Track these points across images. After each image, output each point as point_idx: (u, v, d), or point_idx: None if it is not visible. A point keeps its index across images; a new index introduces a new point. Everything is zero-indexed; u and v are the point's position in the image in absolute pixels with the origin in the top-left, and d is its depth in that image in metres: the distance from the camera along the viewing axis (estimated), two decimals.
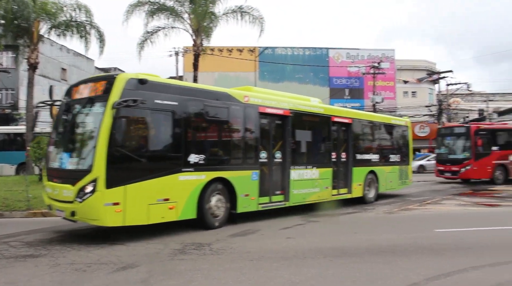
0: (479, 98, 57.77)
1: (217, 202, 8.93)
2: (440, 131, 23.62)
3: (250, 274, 5.55)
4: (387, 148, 15.25)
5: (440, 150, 22.76)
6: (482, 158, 20.53)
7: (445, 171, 21.74)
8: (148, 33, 21.59)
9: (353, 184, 13.01)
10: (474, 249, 7.02)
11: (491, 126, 22.65)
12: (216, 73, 36.99)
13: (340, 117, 12.68)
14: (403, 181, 15.95)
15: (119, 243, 7.55)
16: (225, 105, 9.32)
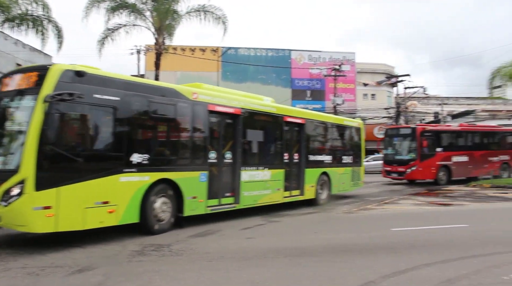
0: (435, 102, 59.87)
1: (162, 204, 8.42)
2: (387, 132, 23.75)
3: (210, 275, 5.54)
4: (340, 149, 15.17)
5: (387, 151, 22.93)
6: (427, 159, 20.83)
7: (392, 172, 21.94)
8: (108, 30, 21.10)
9: (305, 185, 12.79)
10: (428, 246, 7.28)
11: (436, 128, 23.11)
12: (178, 72, 36.61)
13: (292, 118, 12.45)
14: (355, 182, 15.89)
15: (75, 245, 7.34)
16: (172, 102, 8.79)
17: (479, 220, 10.55)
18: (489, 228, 9.26)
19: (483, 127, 25.89)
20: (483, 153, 23.18)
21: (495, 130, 25.55)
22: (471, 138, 23.51)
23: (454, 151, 22.11)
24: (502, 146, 24.64)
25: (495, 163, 23.64)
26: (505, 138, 25.15)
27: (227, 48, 38.59)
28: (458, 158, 21.96)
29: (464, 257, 6.41)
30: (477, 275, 5.50)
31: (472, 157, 22.60)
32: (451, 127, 24.43)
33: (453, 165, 21.76)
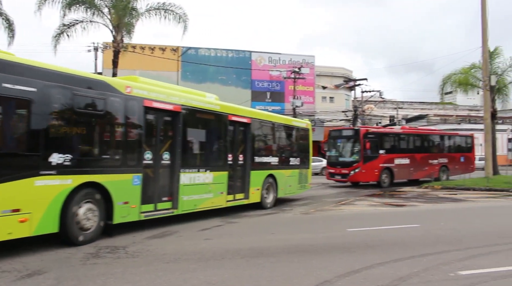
0: (390, 106, 61.76)
1: (88, 211, 7.43)
2: (330, 134, 23.28)
3: (166, 277, 5.47)
4: (288, 150, 14.71)
5: (331, 153, 22.62)
6: (370, 161, 20.82)
7: (335, 174, 21.77)
8: (64, 26, 20.45)
9: (250, 188, 12.17)
10: (382, 246, 7.49)
11: (379, 130, 23.30)
12: (137, 71, 35.79)
13: (238, 117, 11.79)
14: (303, 184, 15.42)
15: (25, 248, 7.05)
16: (101, 95, 7.83)
17: (430, 220, 10.95)
18: (439, 228, 9.63)
19: (424, 130, 26.33)
20: (424, 155, 23.69)
21: (435, 134, 26.16)
22: (412, 141, 23.84)
23: (396, 153, 22.31)
24: (441, 149, 25.35)
25: (435, 165, 24.23)
26: (444, 142, 25.90)
27: (187, 48, 38.27)
28: (400, 160, 22.21)
29: (415, 256, 6.64)
30: (427, 272, 5.71)
31: (413, 160, 22.96)
32: (393, 130, 24.56)
33: (396, 167, 21.91)
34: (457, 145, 26.64)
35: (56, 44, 20.47)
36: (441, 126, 50.44)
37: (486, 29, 22.70)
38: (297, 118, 20.71)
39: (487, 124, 23.26)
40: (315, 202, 14.89)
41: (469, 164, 26.99)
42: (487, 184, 19.73)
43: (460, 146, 26.84)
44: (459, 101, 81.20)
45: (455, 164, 25.59)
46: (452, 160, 25.50)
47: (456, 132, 28.95)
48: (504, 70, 26.58)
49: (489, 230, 9.36)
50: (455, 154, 25.95)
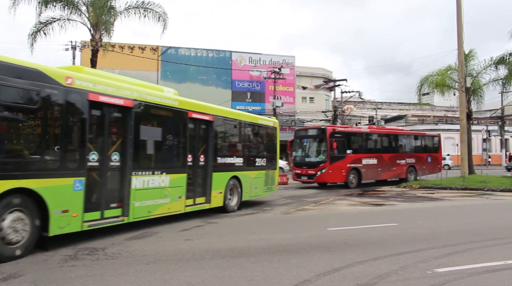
0: (370, 106, 62.57)
1: (15, 222, 6.36)
2: (296, 133, 22.68)
3: (146, 278, 5.43)
4: (253, 150, 13.94)
5: (297, 153, 21.97)
6: (337, 161, 20.38)
7: (302, 174, 21.12)
8: (41, 23, 20.11)
9: (212, 192, 11.30)
10: (361, 245, 7.57)
11: (346, 129, 22.51)
12: (116, 70, 35.47)
13: (199, 113, 10.85)
14: (269, 186, 14.64)
15: None
16: (35, 87, 6.75)
17: (408, 219, 11.12)
18: (417, 226, 9.79)
19: (391, 130, 25.87)
20: (391, 155, 23.46)
21: (403, 134, 25.92)
22: (380, 141, 23.60)
23: (364, 153, 22.00)
24: (409, 149, 25.22)
25: (403, 166, 24.05)
26: (412, 142, 25.75)
27: (167, 48, 37.99)
28: (368, 160, 21.94)
29: (393, 254, 6.73)
30: (405, 270, 5.80)
31: (381, 160, 22.73)
32: (361, 130, 24.19)
33: (363, 167, 21.61)
34: (424, 145, 26.55)
35: (33, 43, 20.12)
36: (419, 127, 51.32)
37: (461, 32, 23.20)
38: (273, 117, 19.88)
39: (462, 124, 23.78)
40: (296, 202, 14.96)
41: (436, 164, 27.00)
42: (463, 183, 20.17)
43: (428, 146, 26.77)
44: (436, 102, 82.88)
45: (422, 164, 25.49)
46: (420, 160, 25.38)
47: (424, 132, 29.05)
48: (479, 72, 27.21)
49: (464, 228, 9.56)
50: (423, 154, 25.86)
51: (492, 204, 14.75)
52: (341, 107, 42.50)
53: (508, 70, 26.16)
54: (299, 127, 26.45)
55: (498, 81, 27.71)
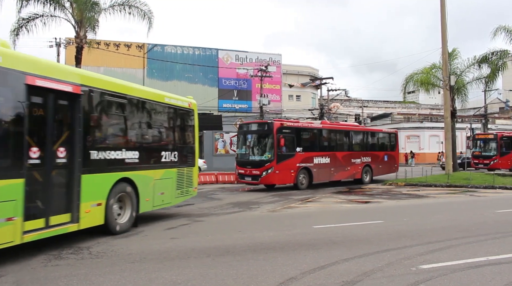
0: (356, 104, 62.94)
1: None
2: (240, 128, 20.14)
3: (131, 277, 5.39)
4: (157, 141, 10.33)
5: (241, 150, 19.49)
6: (285, 160, 18.23)
7: (246, 175, 18.69)
8: (23, 20, 19.78)
9: (83, 204, 7.45)
10: (347, 242, 7.61)
11: (295, 125, 19.84)
12: (101, 68, 35.11)
13: (52, 81, 6.95)
14: (184, 190, 11.15)
15: None
16: None
17: (393, 216, 11.21)
18: (402, 223, 9.88)
19: (346, 126, 24.04)
20: (345, 154, 21.70)
21: (358, 130, 24.14)
22: (333, 138, 21.67)
23: (315, 151, 19.94)
24: (365, 147, 23.54)
25: (358, 165, 22.37)
26: (368, 139, 24.09)
27: (153, 45, 37.68)
28: (320, 159, 19.93)
29: (379, 251, 6.78)
30: (390, 267, 5.85)
31: (334, 159, 20.82)
32: (312, 125, 21.58)
33: (315, 167, 19.61)
34: (381, 143, 25.02)
35: (15, 39, 19.77)
36: (404, 125, 51.80)
37: (445, 31, 23.43)
38: (189, 97, 12.33)
39: (447, 122, 24.02)
40: (282, 200, 14.98)
41: (393, 163, 25.55)
42: (448, 180, 20.41)
43: (384, 143, 25.26)
44: (421, 100, 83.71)
45: (378, 163, 24.00)
46: (376, 159, 23.79)
47: (380, 129, 27.60)
48: (463, 70, 27.52)
49: (448, 224, 9.66)
50: (379, 152, 24.36)
51: (476, 201, 14.96)
52: (328, 105, 42.65)
53: (491, 69, 26.49)
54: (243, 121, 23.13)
55: (481, 80, 28.03)
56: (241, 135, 19.63)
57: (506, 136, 31.68)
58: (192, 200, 14.07)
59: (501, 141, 30.66)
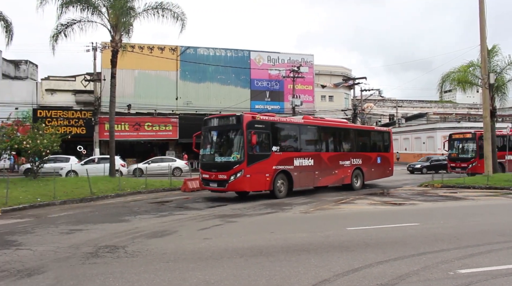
0: (390, 104, 61.84)
1: None
2: (204, 123, 16.54)
3: (165, 276, 5.47)
4: None
5: (205, 150, 16.17)
6: (258, 161, 14.94)
7: (211, 181, 15.35)
8: (62, 25, 20.52)
9: None
10: (381, 245, 7.48)
11: (271, 119, 16.26)
12: (136, 71, 35.89)
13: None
14: None
15: (24, 248, 7.09)
16: None
17: (429, 219, 10.93)
18: (439, 226, 9.61)
19: (332, 122, 20.57)
20: (332, 155, 18.71)
21: (346, 127, 21.17)
22: (318, 136, 18.40)
23: (296, 151, 16.86)
24: (355, 147, 20.45)
25: (347, 168, 19.39)
26: (358, 138, 21.08)
27: (186, 48, 38.20)
28: (301, 160, 16.80)
29: (414, 255, 6.63)
30: (426, 271, 5.70)
31: (319, 160, 17.75)
32: (292, 120, 18.16)
33: (295, 170, 16.42)
34: (373, 143, 22.13)
35: (54, 44, 20.49)
36: (441, 125, 50.46)
37: (484, 27, 22.66)
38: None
39: (486, 122, 23.21)
40: (315, 201, 14.87)
41: (387, 166, 22.74)
42: (487, 182, 19.72)
43: (377, 143, 22.43)
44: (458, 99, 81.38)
45: (371, 166, 21.13)
46: (368, 161, 20.88)
47: (371, 127, 25.12)
48: (503, 68, 26.51)
49: (489, 228, 9.34)
50: (371, 153, 21.45)
51: None
52: (361, 105, 42.11)
53: None
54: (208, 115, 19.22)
55: None
56: (206, 132, 16.30)
57: None
58: (225, 201, 14.23)
59: (480, 141, 25.74)
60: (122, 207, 13.40)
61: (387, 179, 23.35)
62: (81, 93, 35.40)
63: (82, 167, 24.58)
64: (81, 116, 33.87)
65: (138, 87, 35.64)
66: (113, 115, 21.62)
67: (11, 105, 32.68)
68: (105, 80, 29.98)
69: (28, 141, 18.53)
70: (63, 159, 25.82)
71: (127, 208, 12.99)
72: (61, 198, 14.63)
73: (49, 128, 20.62)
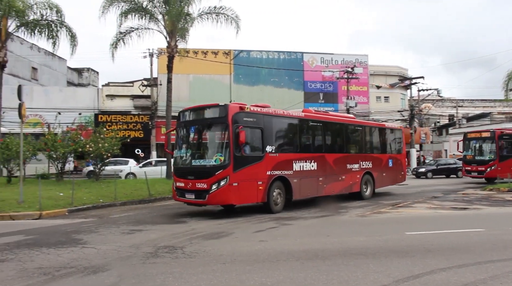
0: (449, 104, 59.38)
1: None
2: (179, 117, 13.05)
3: (223, 277, 5.53)
4: None
5: (179, 151, 12.74)
6: (248, 165, 11.66)
7: (187, 191, 11.92)
8: (121, 33, 21.47)
9: None
10: (443, 251, 7.16)
11: (264, 111, 12.65)
12: (190, 75, 36.77)
13: None
14: None
15: (90, 247, 7.43)
16: None
17: (496, 224, 10.36)
18: (507, 232, 9.08)
19: (337, 117, 17.07)
20: (339, 157, 15.39)
21: (355, 123, 17.50)
22: (321, 134, 15.01)
23: (296, 152, 13.54)
24: (364, 148, 17.26)
25: (355, 173, 16.05)
26: (367, 136, 17.68)
27: (239, 51, 38.67)
28: (302, 164, 13.48)
29: (481, 262, 6.29)
30: (495, 280, 5.38)
31: (323, 163, 14.42)
32: (290, 113, 13.90)
33: (295, 176, 13.12)
34: (383, 142, 18.59)
35: (114, 51, 21.45)
36: (507, 125, 47.76)
37: None
38: None
39: None
40: (371, 204, 14.52)
41: (399, 170, 19.31)
42: None
43: (388, 143, 18.93)
44: None
45: (382, 170, 17.83)
46: (379, 164, 17.65)
47: (383, 124, 21.12)
48: None
49: None
50: (382, 155, 18.11)
51: None
52: (418, 106, 40.72)
53: None
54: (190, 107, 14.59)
55: None
56: (180, 129, 12.89)
57: (508, 134, 23.64)
58: None
59: (500, 141, 23.01)
60: (178, 208, 13.72)
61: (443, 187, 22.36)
62: (138, 98, 36.76)
63: (140, 169, 25.48)
64: (138, 120, 35.21)
65: (193, 92, 36.46)
66: (169, 119, 22.23)
67: (75, 111, 34.56)
68: (161, 85, 30.96)
69: (90, 145, 19.42)
70: (122, 162, 26.93)
71: (184, 209, 13.28)
72: (121, 199, 15.23)
73: (110, 132, 21.55)
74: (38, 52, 40.10)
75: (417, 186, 23.22)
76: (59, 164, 19.91)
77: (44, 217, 11.76)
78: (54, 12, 21.26)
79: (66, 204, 13.20)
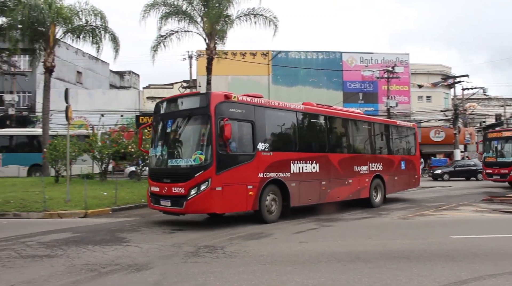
0: (496, 103, 57.12)
1: None
2: (156, 108, 11.28)
3: (263, 278, 5.53)
4: None
5: (155, 150, 10.87)
6: (234, 165, 9.78)
7: (162, 196, 10.01)
8: (161, 36, 21.94)
9: None
10: (492, 256, 6.88)
11: (254, 101, 10.63)
12: (229, 76, 37.10)
13: None
14: None
15: (133, 245, 7.62)
16: None
17: None
18: None
19: (342, 111, 14.44)
20: (345, 157, 13.42)
21: (363, 119, 15.14)
22: (325, 130, 12.98)
23: (294, 151, 11.55)
24: (373, 148, 15.08)
25: (364, 176, 14.00)
26: (377, 135, 15.53)
27: (277, 52, 38.67)
28: (301, 165, 11.53)
29: None
30: None
31: (326, 165, 12.46)
32: (286, 105, 11.68)
33: (293, 179, 11.19)
34: (395, 142, 16.57)
35: (154, 54, 21.97)
36: None
37: None
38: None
39: None
40: (414, 206, 14.17)
41: (413, 173, 17.27)
42: None
43: (400, 143, 16.99)
44: None
45: (394, 173, 15.74)
46: (390, 167, 15.57)
47: (393, 121, 18.56)
48: None
49: None
50: (393, 156, 16.04)
51: None
52: (463, 105, 39.40)
53: None
54: None
55: None
56: (156, 123, 11.12)
57: None
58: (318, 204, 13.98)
59: None
60: None
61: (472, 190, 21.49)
62: None
63: None
64: None
65: None
66: None
67: (117, 113, 35.59)
68: (200, 87, 31.42)
69: (132, 146, 19.92)
70: None
71: None
72: None
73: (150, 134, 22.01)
74: (83, 56, 41.58)
75: (457, 188, 22.42)
76: (102, 164, 20.54)
77: (89, 215, 12.16)
78: (98, 18, 21.99)
79: (110, 203, 13.59)
